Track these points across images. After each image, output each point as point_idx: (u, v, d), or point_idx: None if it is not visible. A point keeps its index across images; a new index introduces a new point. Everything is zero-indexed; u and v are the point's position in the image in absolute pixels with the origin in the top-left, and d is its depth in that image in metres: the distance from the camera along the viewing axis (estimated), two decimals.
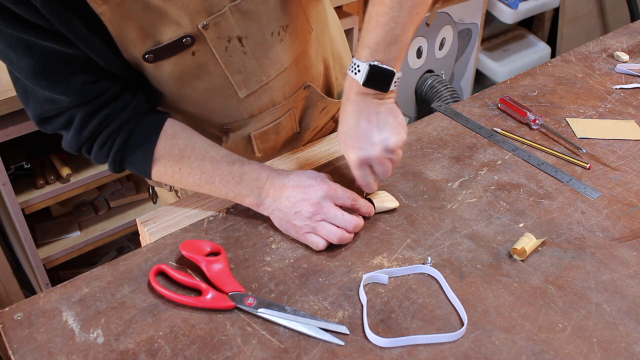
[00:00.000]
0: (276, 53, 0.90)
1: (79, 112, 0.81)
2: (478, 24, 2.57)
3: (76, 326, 0.71)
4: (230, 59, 0.86)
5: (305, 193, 0.81)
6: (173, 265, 0.79)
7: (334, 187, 0.82)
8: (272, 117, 0.98)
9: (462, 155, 1.01)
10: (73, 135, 0.83)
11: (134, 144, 0.85)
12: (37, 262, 1.70)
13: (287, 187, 0.82)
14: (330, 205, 0.81)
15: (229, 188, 0.84)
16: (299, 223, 0.81)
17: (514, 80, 1.23)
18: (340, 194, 0.82)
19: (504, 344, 0.70)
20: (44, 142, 1.74)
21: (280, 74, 0.93)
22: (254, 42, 0.87)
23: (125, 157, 0.86)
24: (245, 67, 0.88)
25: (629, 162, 1.00)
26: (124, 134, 0.84)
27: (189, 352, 0.68)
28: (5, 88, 1.37)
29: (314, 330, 0.70)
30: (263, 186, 0.83)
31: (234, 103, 0.92)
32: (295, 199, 0.81)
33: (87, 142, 0.85)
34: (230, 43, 0.84)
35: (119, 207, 1.91)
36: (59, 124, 0.83)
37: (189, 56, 0.83)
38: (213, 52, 0.84)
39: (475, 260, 0.81)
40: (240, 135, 0.98)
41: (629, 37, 1.41)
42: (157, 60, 0.81)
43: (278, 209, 0.82)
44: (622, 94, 1.19)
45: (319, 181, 0.82)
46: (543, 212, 0.89)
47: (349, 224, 0.81)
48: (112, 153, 0.85)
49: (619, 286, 0.77)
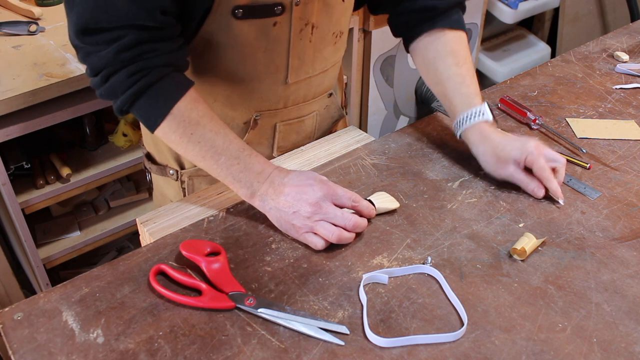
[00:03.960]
0: (328, 52, 0.99)
1: (131, 34, 0.77)
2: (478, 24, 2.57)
3: (76, 326, 0.71)
4: (299, 42, 0.92)
5: (304, 193, 0.81)
6: (173, 265, 0.79)
7: (334, 187, 0.82)
8: (298, 112, 1.03)
9: (462, 155, 1.01)
10: (111, 52, 0.77)
11: (159, 88, 0.81)
12: (37, 262, 1.70)
13: (287, 186, 0.82)
14: (329, 205, 0.81)
15: (230, 171, 0.83)
16: (298, 223, 0.81)
17: (514, 80, 1.23)
18: (340, 194, 0.82)
19: (504, 344, 0.70)
20: (44, 142, 1.74)
21: (321, 73, 1.01)
22: (320, 34, 0.95)
23: (141, 97, 0.81)
24: (304, 54, 0.95)
25: (629, 162, 1.00)
26: (154, 74, 0.80)
27: (189, 352, 0.68)
28: (5, 88, 1.37)
29: (314, 330, 0.70)
30: (264, 182, 0.83)
31: (278, 88, 0.97)
32: (294, 198, 0.81)
33: (118, 65, 0.78)
34: (305, 27, 0.91)
35: (119, 207, 1.91)
36: (105, 38, 0.77)
37: (270, 26, 0.87)
38: (290, 30, 0.90)
39: (475, 260, 0.81)
40: (266, 123, 1.01)
41: (629, 37, 1.41)
42: (243, 18, 0.85)
43: (276, 208, 0.82)
44: (622, 94, 1.19)
45: (319, 181, 0.82)
46: (543, 212, 0.89)
47: (348, 222, 0.80)
48: (135, 86, 0.80)
49: (619, 286, 0.77)
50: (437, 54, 0.99)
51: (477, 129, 0.94)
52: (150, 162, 1.10)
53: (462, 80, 0.97)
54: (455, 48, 0.99)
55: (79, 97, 1.48)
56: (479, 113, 0.94)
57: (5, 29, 1.57)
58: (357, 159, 1.00)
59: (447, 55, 0.98)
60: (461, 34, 1.01)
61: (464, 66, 0.98)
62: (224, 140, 0.83)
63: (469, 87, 0.96)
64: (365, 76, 2.22)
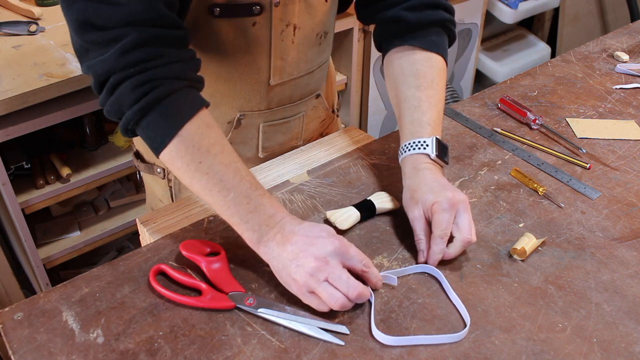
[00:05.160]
0: (312, 53, 0.98)
1: (134, 32, 0.70)
2: (478, 24, 2.57)
3: (76, 326, 0.71)
4: (281, 43, 0.91)
5: (312, 245, 0.70)
6: (173, 265, 0.79)
7: (347, 245, 0.72)
8: (283, 114, 1.02)
9: (462, 155, 1.01)
10: (114, 55, 0.70)
11: (168, 105, 0.73)
12: (37, 262, 1.70)
13: (296, 235, 0.72)
14: (336, 265, 0.70)
15: (238, 210, 0.73)
16: (300, 279, 0.70)
17: (514, 80, 1.23)
18: (352, 254, 0.72)
19: (504, 344, 0.70)
20: (44, 142, 1.74)
21: (307, 74, 0.99)
22: (303, 35, 0.93)
23: (149, 114, 0.73)
24: (287, 55, 0.94)
25: (629, 162, 1.00)
26: (164, 88, 0.72)
27: (189, 352, 0.68)
28: (5, 88, 1.37)
29: (314, 330, 0.70)
30: (274, 226, 0.73)
31: (262, 89, 0.96)
32: (300, 249, 0.70)
33: (124, 71, 0.71)
34: (287, 28, 0.90)
35: (119, 207, 1.91)
36: (106, 37, 0.70)
37: (249, 25, 0.87)
38: (270, 31, 0.89)
39: (475, 260, 0.81)
40: (250, 124, 1.00)
41: (629, 37, 1.41)
42: (221, 16, 0.84)
43: (279, 257, 0.72)
44: (622, 94, 1.19)
45: (332, 236, 0.72)
46: (543, 212, 0.89)
47: (352, 291, 0.69)
48: (143, 100, 0.72)
49: (619, 286, 0.77)
50: (400, 71, 0.92)
51: (412, 161, 0.85)
52: (138, 160, 1.09)
53: (418, 105, 0.88)
54: (421, 70, 0.90)
55: (79, 97, 1.48)
56: (420, 145, 0.85)
57: (5, 29, 1.57)
58: (357, 159, 1.00)
59: (411, 75, 0.90)
60: (435, 56, 0.92)
61: (425, 91, 0.88)
62: (234, 175, 0.74)
63: (423, 114, 0.87)
64: (365, 76, 2.22)
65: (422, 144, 0.85)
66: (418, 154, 0.85)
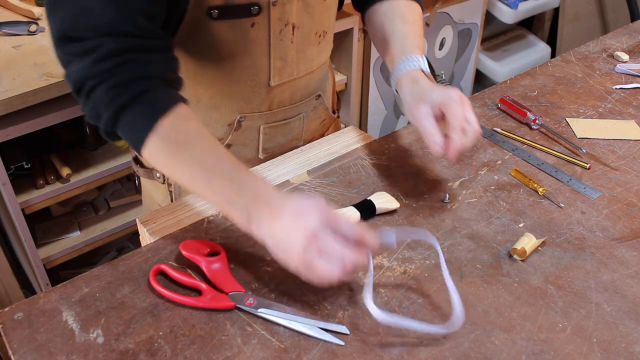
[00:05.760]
0: (312, 53, 0.98)
1: (111, 42, 0.71)
2: (478, 24, 2.57)
3: (76, 326, 0.71)
4: (280, 43, 0.92)
5: (300, 220, 0.68)
6: (173, 265, 0.79)
7: (334, 214, 0.70)
8: (284, 115, 1.02)
9: (462, 155, 1.01)
10: (88, 65, 0.71)
11: (142, 102, 0.73)
12: (37, 262, 1.70)
13: (283, 210, 0.69)
14: (327, 237, 0.68)
15: (223, 194, 0.72)
16: (294, 257, 0.68)
17: (514, 80, 1.23)
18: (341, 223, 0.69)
19: (504, 344, 0.70)
20: (44, 142, 1.74)
21: (307, 74, 1.00)
22: (302, 35, 0.94)
23: (124, 113, 0.73)
24: (286, 55, 0.94)
25: (629, 162, 1.00)
26: (136, 87, 0.73)
27: (189, 352, 0.68)
28: (5, 88, 1.37)
29: (314, 330, 0.70)
30: (260, 204, 0.71)
31: (262, 90, 0.96)
32: (290, 227, 0.68)
33: (97, 77, 0.72)
34: (285, 28, 0.90)
35: (119, 207, 1.91)
36: (83, 48, 0.71)
37: (247, 26, 0.87)
38: (269, 31, 0.89)
39: (475, 260, 0.81)
40: (250, 125, 1.00)
41: (629, 37, 1.41)
42: (219, 18, 0.84)
43: (271, 236, 0.70)
44: (622, 94, 1.19)
45: (318, 208, 0.69)
46: (543, 212, 0.89)
47: (347, 263, 0.67)
48: (116, 100, 0.72)
49: (619, 286, 0.77)
50: (385, 17, 0.99)
51: (410, 75, 0.90)
52: (138, 166, 1.09)
53: (405, 35, 0.95)
54: (405, 12, 0.98)
55: None
56: (415, 60, 0.90)
57: (5, 29, 1.57)
58: (357, 159, 1.00)
59: (396, 17, 0.98)
60: (415, 4, 1.01)
61: (411, 25, 0.96)
62: (215, 160, 0.73)
63: (412, 40, 0.94)
64: (365, 76, 2.22)
65: (416, 60, 0.90)
66: (413, 69, 0.90)
